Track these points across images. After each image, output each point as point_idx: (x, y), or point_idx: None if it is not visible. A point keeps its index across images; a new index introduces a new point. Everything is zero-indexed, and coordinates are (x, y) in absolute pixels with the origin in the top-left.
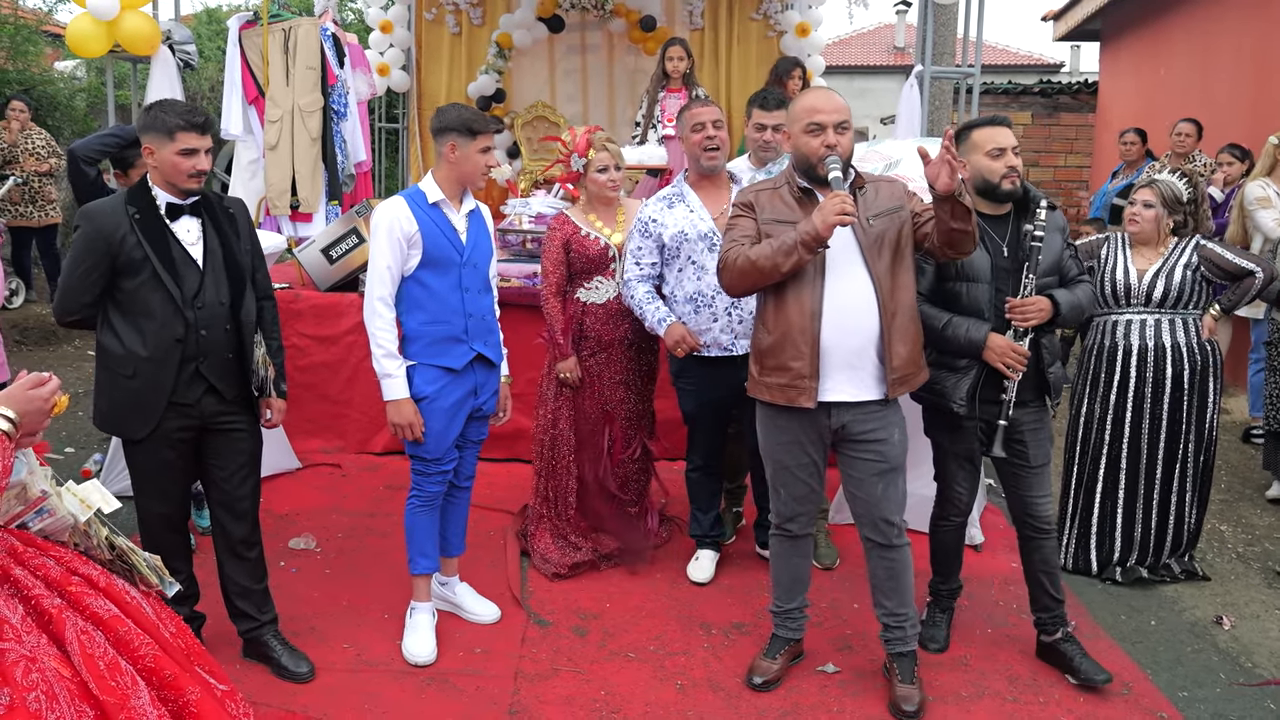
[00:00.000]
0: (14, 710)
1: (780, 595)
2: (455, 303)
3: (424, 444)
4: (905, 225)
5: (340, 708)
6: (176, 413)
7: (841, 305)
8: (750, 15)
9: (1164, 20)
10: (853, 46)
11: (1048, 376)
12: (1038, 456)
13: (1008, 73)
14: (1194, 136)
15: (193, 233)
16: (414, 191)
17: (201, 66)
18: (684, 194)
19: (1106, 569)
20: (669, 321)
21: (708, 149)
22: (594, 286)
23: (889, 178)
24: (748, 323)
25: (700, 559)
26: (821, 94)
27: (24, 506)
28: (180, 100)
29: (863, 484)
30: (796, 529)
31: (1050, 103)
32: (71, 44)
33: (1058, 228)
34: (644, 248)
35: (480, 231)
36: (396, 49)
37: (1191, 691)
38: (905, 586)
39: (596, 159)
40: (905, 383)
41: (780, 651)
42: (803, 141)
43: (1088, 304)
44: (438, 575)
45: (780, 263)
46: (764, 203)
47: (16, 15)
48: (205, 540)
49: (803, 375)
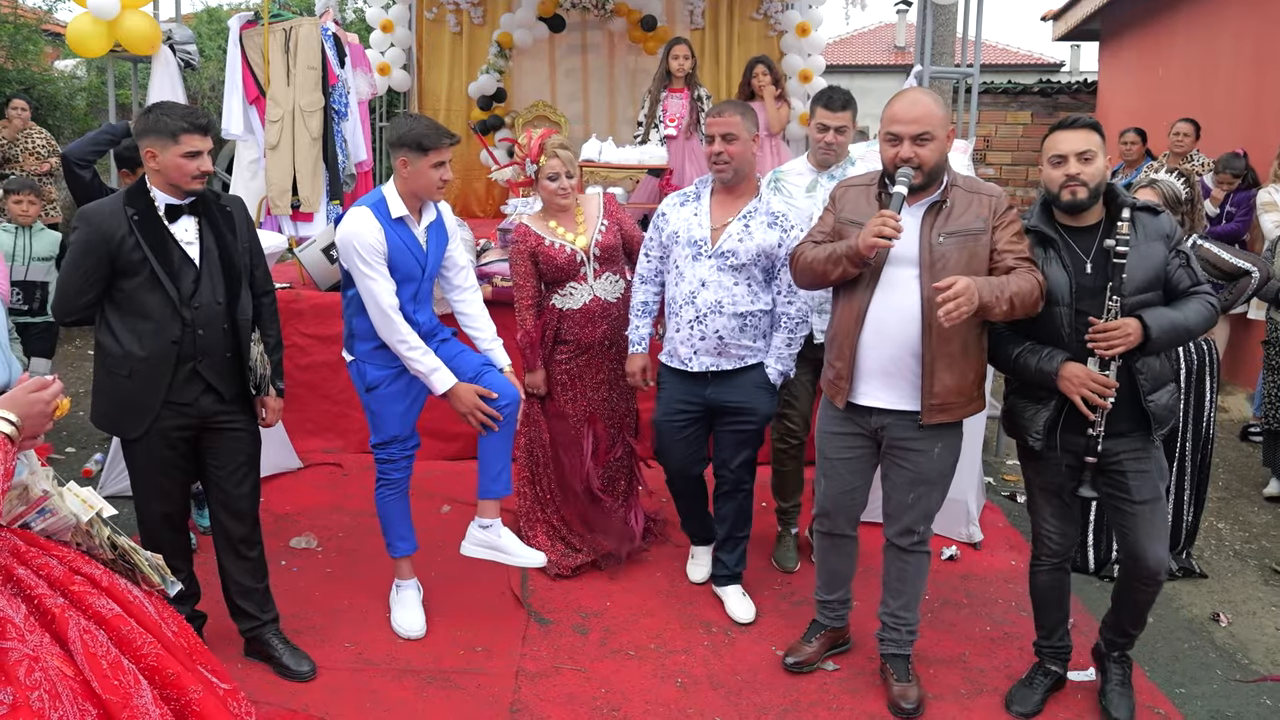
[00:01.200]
0: (17, 709)
1: (821, 586)
2: (408, 314)
3: (381, 428)
4: (981, 251)
5: (342, 706)
6: (174, 412)
7: (884, 316)
8: (751, 15)
9: (1163, 20)
10: (853, 46)
11: (1146, 406)
12: (1142, 491)
13: (1007, 72)
14: (1192, 136)
15: (190, 232)
16: (379, 202)
17: (202, 66)
18: (700, 196)
19: (1104, 566)
20: (638, 349)
21: (714, 163)
22: (568, 293)
23: (989, 190)
24: (713, 341)
25: (696, 556)
26: (907, 101)
27: (26, 506)
28: (180, 102)
29: (895, 487)
30: (832, 527)
31: (1050, 102)
32: (72, 43)
33: (1160, 235)
34: (653, 239)
35: (439, 242)
36: (397, 48)
37: (1189, 688)
38: (913, 592)
39: (546, 166)
40: (945, 411)
41: (817, 636)
42: (883, 149)
43: (1198, 323)
44: (478, 518)
45: (829, 270)
46: (849, 199)
47: (16, 14)
48: (206, 539)
49: (842, 375)
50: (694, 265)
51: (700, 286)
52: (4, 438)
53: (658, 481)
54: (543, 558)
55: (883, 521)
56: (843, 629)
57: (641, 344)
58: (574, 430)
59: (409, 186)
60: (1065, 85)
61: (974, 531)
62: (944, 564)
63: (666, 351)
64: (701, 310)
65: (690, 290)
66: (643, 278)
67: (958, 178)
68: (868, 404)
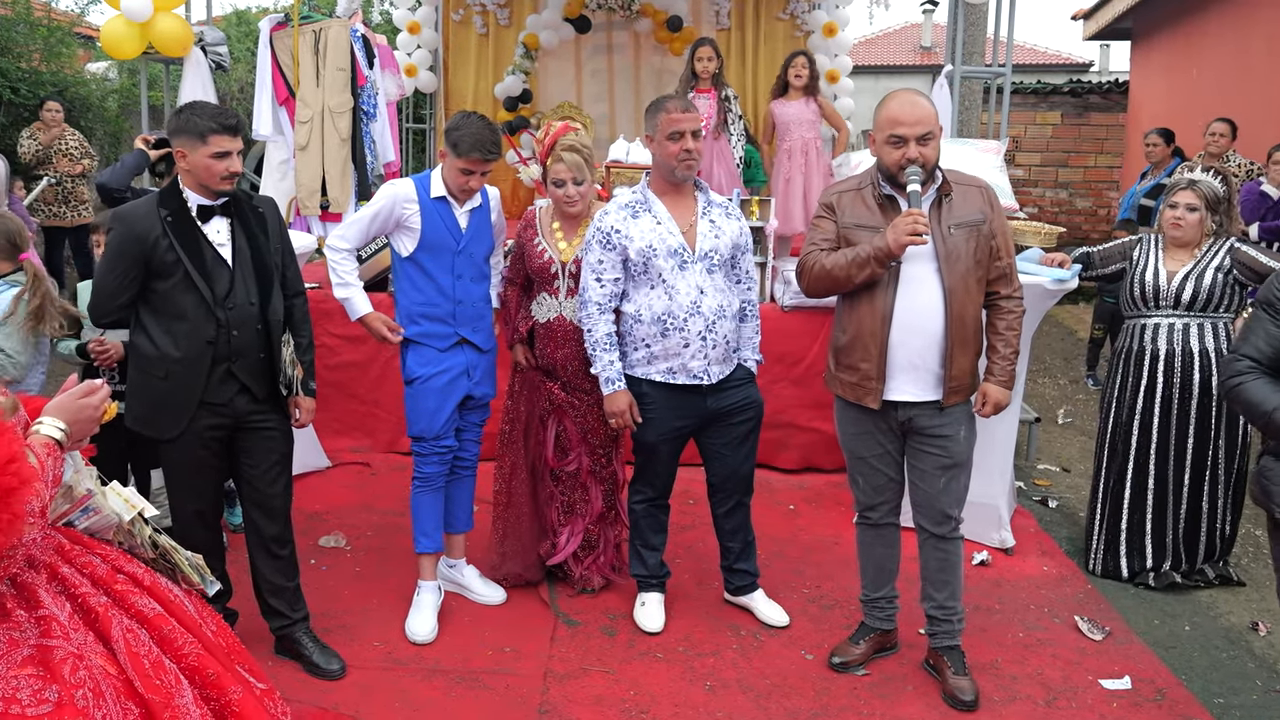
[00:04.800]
0: (62, 707)
1: (867, 584)
2: (446, 287)
3: (411, 421)
4: (984, 239)
5: (372, 705)
6: (209, 412)
7: (911, 311)
8: (777, 15)
9: (1197, 19)
10: (879, 46)
11: None
12: None
13: (1037, 72)
14: (1228, 136)
15: (222, 233)
16: (424, 177)
17: (232, 68)
18: (649, 202)
19: (1139, 574)
20: (617, 386)
21: (684, 160)
22: (540, 301)
23: (977, 181)
24: (723, 349)
25: (647, 604)
26: (906, 103)
27: (70, 505)
28: (210, 103)
29: (926, 476)
30: (877, 517)
31: (1080, 103)
32: (106, 45)
33: None
34: (605, 261)
35: (482, 224)
36: (424, 50)
37: (1227, 698)
38: (956, 580)
39: (553, 170)
40: (959, 392)
41: (865, 638)
42: (884, 152)
43: None
44: (445, 558)
45: (854, 274)
46: (845, 205)
47: (50, 17)
48: (237, 538)
49: (870, 377)
50: (682, 275)
51: (700, 295)
52: (54, 444)
53: None
54: (502, 595)
55: (914, 515)
56: (891, 632)
57: (620, 381)
58: (535, 428)
59: (445, 175)
60: (1096, 85)
61: (1006, 536)
62: (975, 569)
63: (666, 369)
64: (709, 318)
65: (691, 301)
66: (601, 306)
67: (946, 172)
68: (897, 399)
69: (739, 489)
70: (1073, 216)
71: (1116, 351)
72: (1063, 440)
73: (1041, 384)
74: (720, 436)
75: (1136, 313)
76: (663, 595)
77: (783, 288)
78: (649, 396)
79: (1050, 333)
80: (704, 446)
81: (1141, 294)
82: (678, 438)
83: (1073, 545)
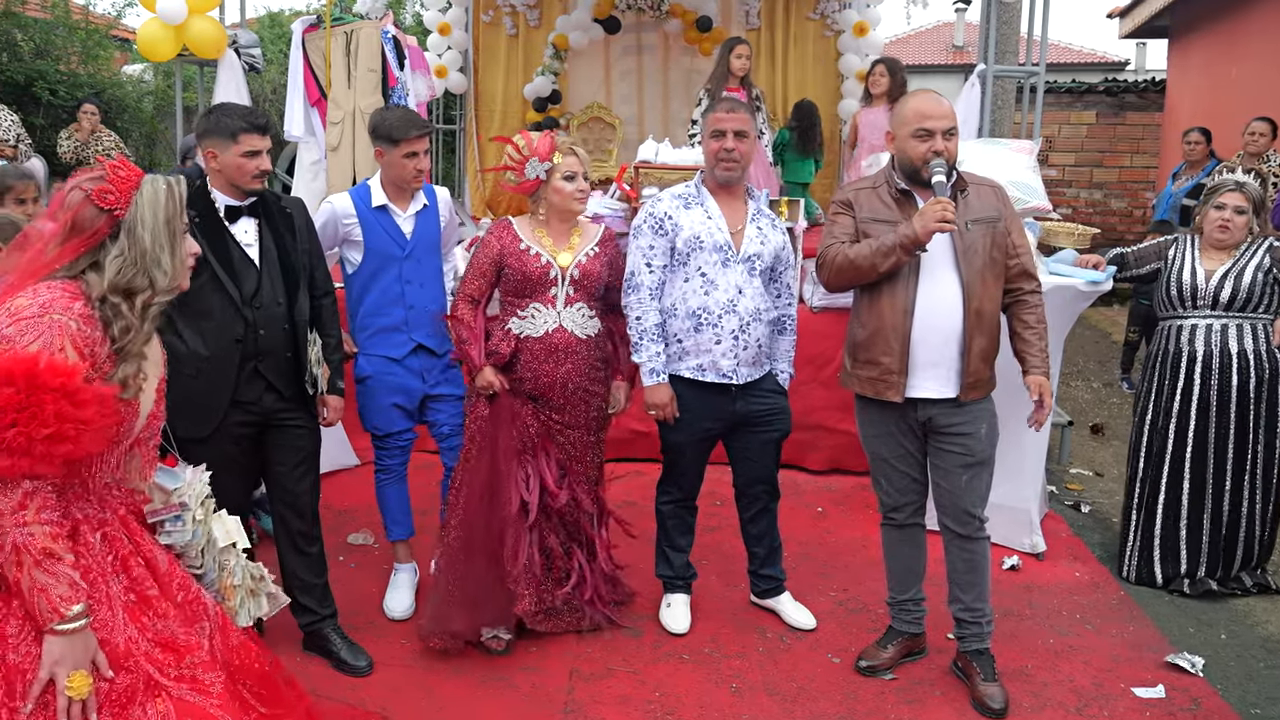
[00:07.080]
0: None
1: (894, 586)
2: (395, 294)
3: (371, 421)
4: (1000, 235)
5: (399, 702)
6: (239, 410)
7: (931, 305)
8: (807, 14)
9: (1236, 16)
10: (911, 45)
11: None
12: None
13: (1071, 71)
14: (1269, 136)
15: (250, 233)
16: (363, 188)
17: (265, 69)
18: (702, 198)
19: (1174, 581)
20: (661, 378)
21: (722, 160)
22: (530, 315)
23: (990, 181)
24: (754, 350)
25: (673, 605)
26: (931, 99)
27: (164, 506)
28: (238, 103)
29: (948, 475)
30: (902, 518)
31: (1115, 102)
32: (142, 48)
33: None
34: (656, 247)
35: (429, 227)
36: (454, 51)
37: (1264, 709)
38: (983, 581)
39: (564, 164)
40: (977, 388)
41: (893, 642)
42: (909, 145)
43: None
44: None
45: (879, 263)
46: (862, 201)
47: (88, 20)
48: (265, 539)
49: (891, 371)
50: (725, 272)
51: (738, 294)
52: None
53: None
54: (406, 610)
55: (938, 516)
56: (919, 636)
57: (665, 374)
58: (512, 467)
59: (386, 175)
60: (1132, 84)
61: (1037, 541)
62: (1006, 574)
63: (695, 366)
64: (745, 319)
65: (729, 298)
66: (653, 292)
67: (960, 173)
68: (919, 396)
69: (764, 493)
70: (1107, 217)
71: (1151, 354)
72: (1096, 444)
73: (1075, 387)
74: (746, 442)
75: (1172, 313)
76: (689, 596)
77: (813, 288)
78: (679, 396)
79: (1084, 335)
80: (731, 450)
81: (1179, 294)
82: (705, 439)
83: (1105, 551)
